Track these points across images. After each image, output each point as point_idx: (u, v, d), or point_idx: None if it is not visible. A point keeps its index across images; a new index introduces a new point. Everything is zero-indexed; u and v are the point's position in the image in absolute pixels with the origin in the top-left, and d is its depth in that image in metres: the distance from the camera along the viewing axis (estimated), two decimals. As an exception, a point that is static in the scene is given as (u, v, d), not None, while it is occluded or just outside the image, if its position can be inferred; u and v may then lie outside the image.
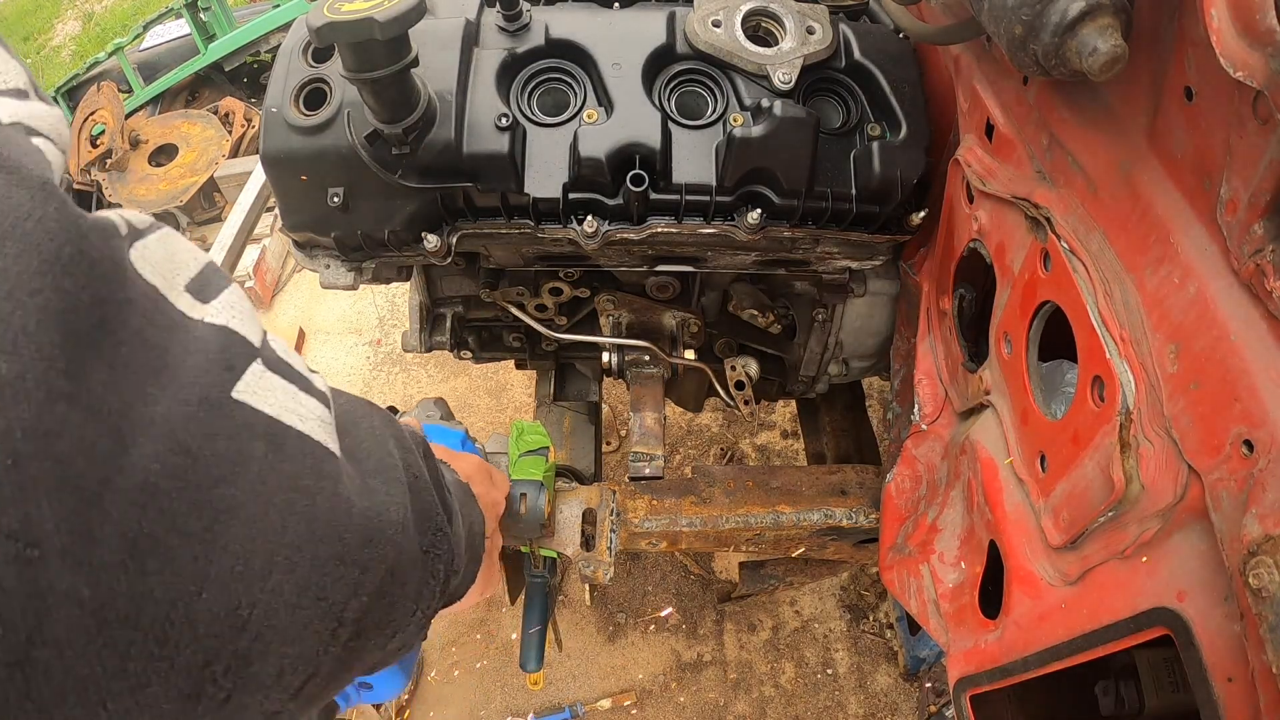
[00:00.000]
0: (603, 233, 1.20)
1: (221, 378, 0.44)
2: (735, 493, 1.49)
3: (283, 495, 0.45)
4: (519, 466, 1.19)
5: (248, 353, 0.46)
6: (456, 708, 2.43)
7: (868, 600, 2.54)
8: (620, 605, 2.59)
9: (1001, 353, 1.07)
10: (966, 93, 1.16)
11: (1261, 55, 0.59)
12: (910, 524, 1.32)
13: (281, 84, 1.19)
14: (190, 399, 0.41)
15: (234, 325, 0.47)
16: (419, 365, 3.40)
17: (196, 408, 0.41)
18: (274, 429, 0.46)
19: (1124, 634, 0.79)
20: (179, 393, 0.41)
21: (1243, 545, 0.63)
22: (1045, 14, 0.75)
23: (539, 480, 1.18)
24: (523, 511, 1.17)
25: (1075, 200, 0.92)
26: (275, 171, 1.20)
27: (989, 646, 1.06)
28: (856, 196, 1.21)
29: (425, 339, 1.60)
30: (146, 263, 0.43)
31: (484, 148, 1.14)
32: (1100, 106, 0.88)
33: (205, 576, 0.40)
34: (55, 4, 8.61)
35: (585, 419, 1.82)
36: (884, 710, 2.35)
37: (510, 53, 1.22)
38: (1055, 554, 0.95)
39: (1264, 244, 0.65)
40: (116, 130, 4.12)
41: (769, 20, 1.26)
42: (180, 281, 0.45)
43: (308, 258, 1.32)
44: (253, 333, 0.48)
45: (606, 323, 1.53)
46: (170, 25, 4.94)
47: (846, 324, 1.55)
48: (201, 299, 0.46)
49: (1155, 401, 0.77)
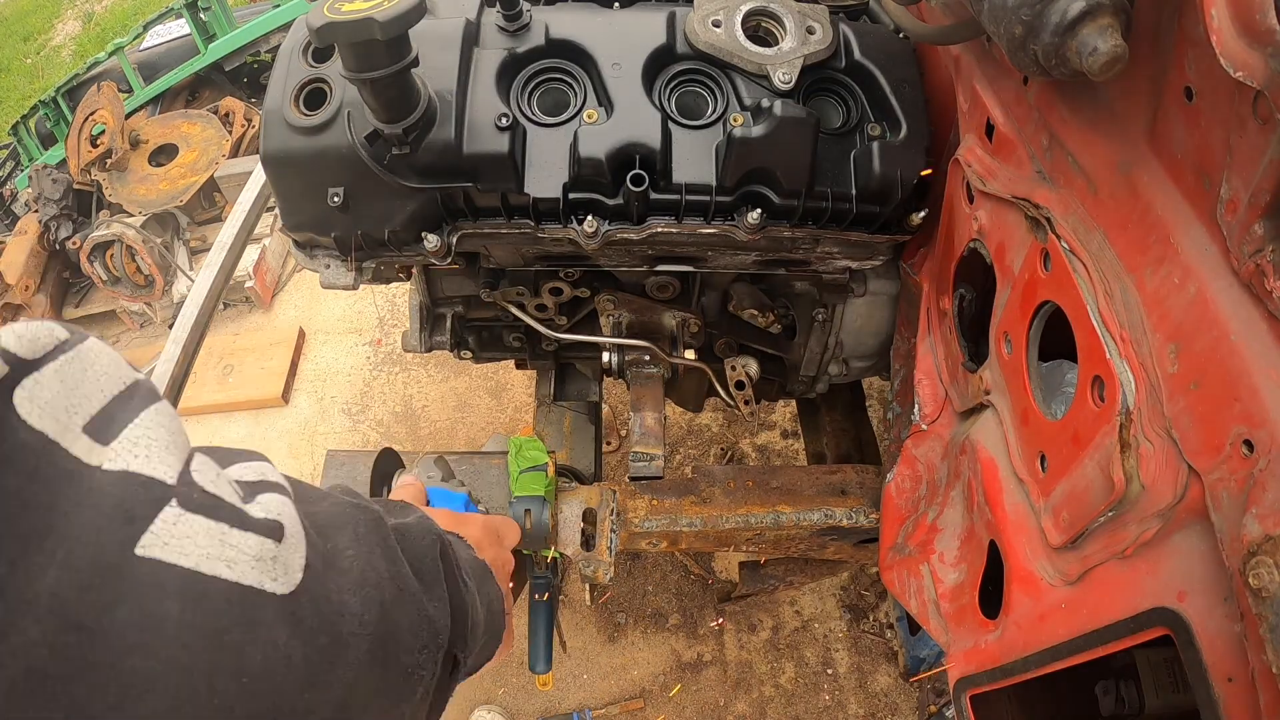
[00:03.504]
0: (603, 233, 1.20)
1: (121, 535, 0.39)
2: (735, 493, 1.49)
3: (205, 656, 0.41)
4: (520, 483, 1.22)
5: (156, 497, 0.41)
6: (456, 708, 2.43)
7: (868, 600, 2.54)
8: (620, 605, 2.59)
9: (1001, 353, 1.07)
10: (966, 93, 1.16)
11: (1261, 55, 0.59)
12: (910, 524, 1.32)
13: (281, 84, 1.19)
14: (82, 565, 0.37)
15: (138, 467, 0.41)
16: (419, 365, 3.40)
17: (90, 574, 0.37)
18: (190, 583, 0.41)
19: (1124, 634, 0.79)
20: (70, 558, 0.37)
21: (1243, 545, 0.63)
22: (1045, 14, 0.75)
23: (541, 496, 1.21)
24: (528, 528, 1.20)
25: (1075, 200, 0.92)
26: (275, 171, 1.20)
27: (989, 646, 1.06)
28: (856, 196, 1.21)
29: (425, 339, 1.61)
30: (34, 405, 0.38)
31: (484, 148, 1.14)
32: (1100, 106, 0.88)
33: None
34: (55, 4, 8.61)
35: (585, 419, 1.82)
36: (884, 710, 2.35)
37: (510, 53, 1.22)
38: (1055, 554, 0.95)
39: (1264, 244, 0.65)
40: (116, 130, 4.12)
41: (769, 20, 1.26)
42: (78, 421, 0.40)
43: (308, 258, 1.32)
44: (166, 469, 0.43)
45: (606, 323, 1.53)
46: (170, 25, 4.94)
47: (846, 324, 1.55)
48: (102, 439, 0.41)
49: (1155, 401, 0.77)
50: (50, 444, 0.38)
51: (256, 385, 3.45)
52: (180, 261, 4.03)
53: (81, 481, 0.39)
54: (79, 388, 0.41)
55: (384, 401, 3.31)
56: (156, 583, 0.39)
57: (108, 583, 0.38)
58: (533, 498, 1.21)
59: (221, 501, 0.45)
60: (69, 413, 0.40)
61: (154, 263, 3.77)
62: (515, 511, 1.21)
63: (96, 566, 0.37)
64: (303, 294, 3.88)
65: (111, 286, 3.89)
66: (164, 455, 0.43)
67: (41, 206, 4.10)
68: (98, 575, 0.37)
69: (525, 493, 1.22)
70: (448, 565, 0.67)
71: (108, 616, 0.37)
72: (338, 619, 0.49)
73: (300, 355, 3.60)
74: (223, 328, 3.80)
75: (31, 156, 5.02)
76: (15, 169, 5.19)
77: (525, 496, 1.21)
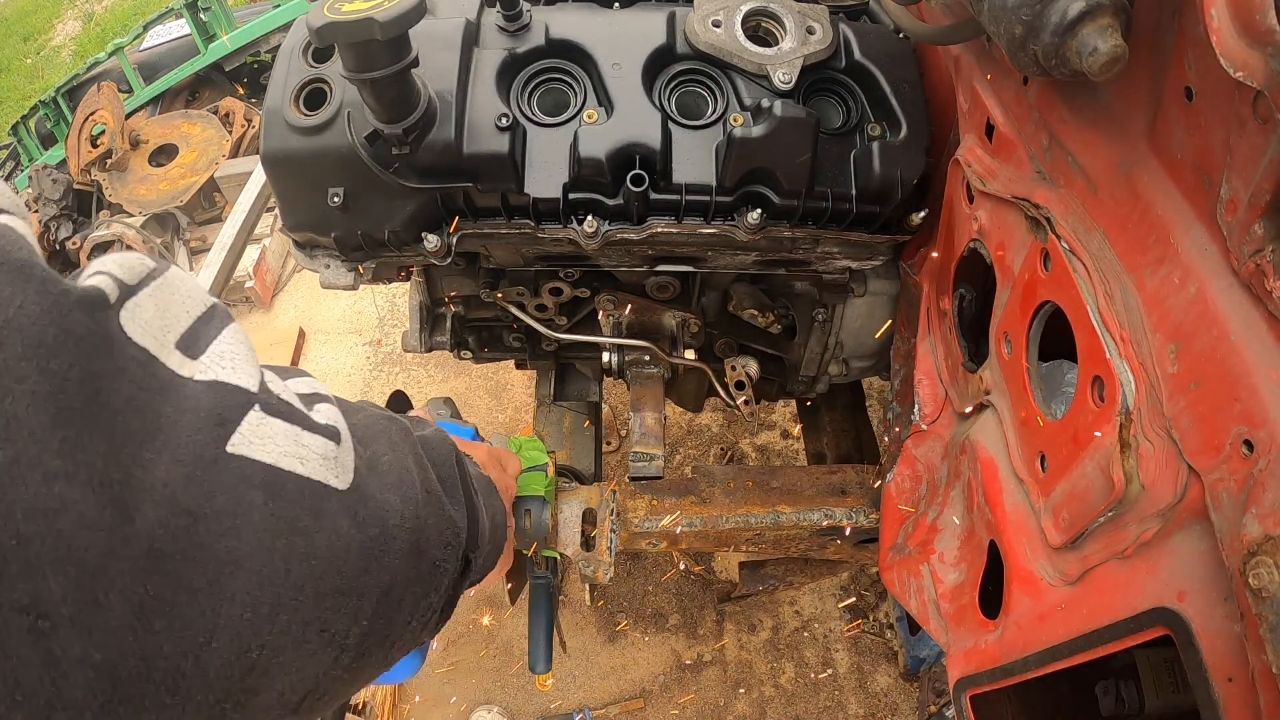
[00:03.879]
0: (603, 233, 1.20)
1: (215, 434, 0.45)
2: (735, 493, 1.48)
3: (284, 539, 0.46)
4: (520, 483, 1.22)
5: (242, 403, 0.47)
6: (456, 707, 2.43)
7: (868, 600, 2.55)
8: (620, 605, 2.59)
9: (1001, 353, 1.07)
10: (966, 93, 1.16)
11: (1261, 55, 0.59)
12: (910, 524, 1.32)
13: (281, 84, 1.19)
14: (186, 459, 0.42)
15: (226, 377, 0.47)
16: (419, 365, 3.40)
17: (193, 467, 0.42)
18: (272, 476, 0.47)
19: (1124, 634, 0.79)
20: (175, 453, 0.42)
21: (1243, 545, 0.63)
22: (1045, 14, 0.75)
23: (541, 496, 1.21)
24: (528, 527, 1.21)
25: (1075, 200, 0.92)
26: (275, 171, 1.20)
27: (989, 646, 1.06)
28: (856, 196, 1.21)
29: (425, 339, 1.61)
30: (136, 324, 0.43)
31: (484, 148, 1.14)
32: (1100, 106, 0.88)
33: (214, 627, 0.42)
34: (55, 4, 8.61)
35: (585, 419, 1.82)
36: (884, 710, 2.35)
37: (510, 53, 1.22)
38: (1055, 554, 0.95)
39: (1264, 244, 0.65)
40: (117, 130, 4.12)
41: (769, 20, 1.26)
42: (171, 338, 0.46)
43: (308, 258, 1.32)
44: (248, 379, 0.48)
45: (606, 323, 1.53)
46: (170, 25, 4.94)
47: (846, 324, 1.55)
48: (192, 354, 0.46)
49: (1155, 401, 0.77)
50: (151, 358, 0.43)
51: (256, 385, 3.45)
52: (180, 261, 4.03)
53: (179, 389, 0.44)
54: (170, 309, 0.46)
55: (384, 401, 3.30)
56: (244, 475, 0.45)
57: (207, 475, 0.43)
58: (533, 498, 1.21)
59: (294, 408, 0.51)
60: (164, 331, 0.45)
61: (154, 263, 3.76)
62: (516, 511, 1.21)
63: (199, 461, 0.43)
64: (303, 294, 3.88)
65: (111, 286, 3.88)
66: (245, 367, 0.49)
67: (41, 206, 4.10)
68: (199, 469, 0.43)
69: (525, 492, 1.22)
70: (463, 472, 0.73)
71: (209, 504, 0.43)
72: (384, 513, 0.56)
73: (300, 355, 3.59)
74: (223, 328, 3.79)
75: (31, 156, 5.03)
76: (15, 169, 5.20)
77: (525, 496, 1.22)
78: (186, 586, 0.41)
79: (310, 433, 0.51)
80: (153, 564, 0.39)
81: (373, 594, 0.54)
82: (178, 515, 0.41)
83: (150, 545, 0.39)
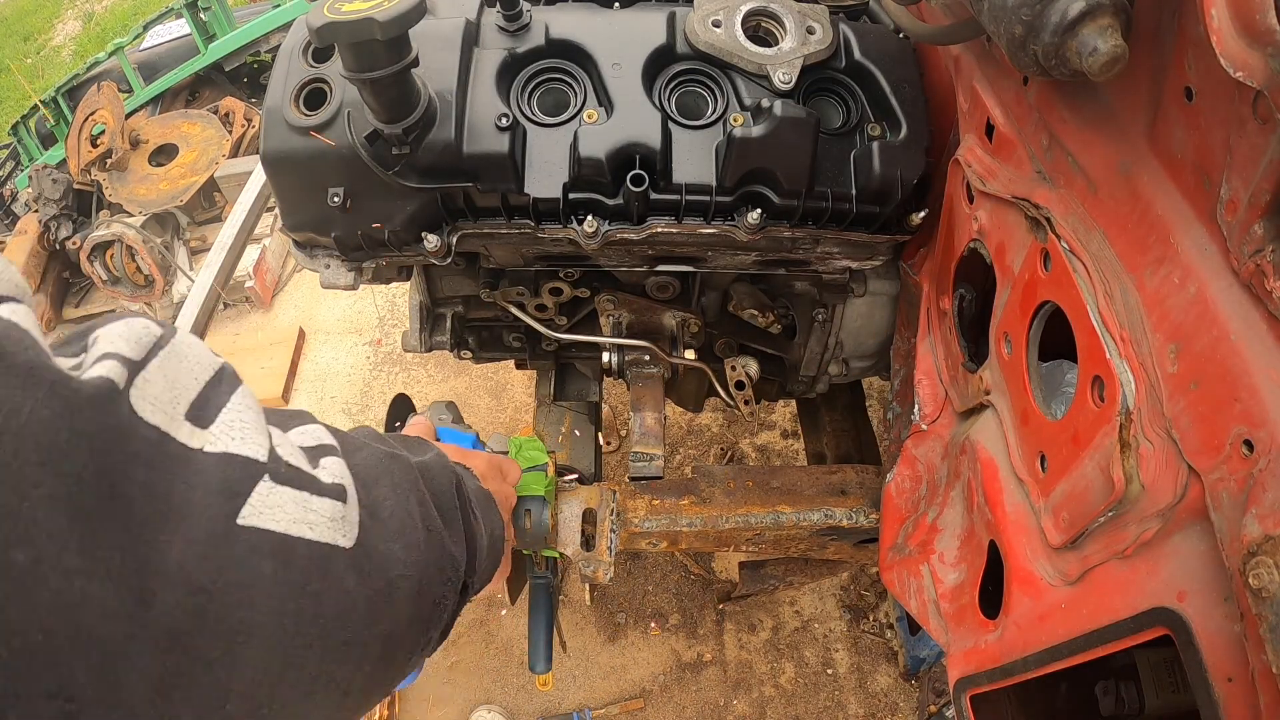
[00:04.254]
0: (603, 233, 1.20)
1: (226, 509, 0.46)
2: (735, 493, 1.48)
3: (294, 603, 0.48)
4: (520, 483, 1.22)
5: (252, 474, 0.48)
6: (457, 707, 2.43)
7: (868, 600, 2.54)
8: (620, 605, 2.59)
9: (1001, 353, 1.07)
10: (966, 93, 1.16)
11: (1261, 55, 0.59)
12: (910, 524, 1.32)
13: (281, 84, 1.19)
14: (199, 537, 0.43)
15: (235, 449, 0.48)
16: (419, 365, 3.40)
17: (206, 545, 0.44)
18: (281, 544, 0.48)
19: (1124, 634, 0.79)
20: (189, 533, 0.43)
21: (1243, 545, 0.63)
22: (1045, 14, 0.75)
23: (541, 496, 1.21)
24: (528, 527, 1.21)
25: (1075, 200, 0.92)
26: (275, 171, 1.20)
27: (989, 646, 1.06)
28: (856, 196, 1.21)
29: (425, 339, 1.61)
30: (147, 401, 0.43)
31: (484, 148, 1.14)
32: (1100, 106, 0.88)
33: (228, 692, 0.44)
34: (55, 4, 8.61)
35: (585, 419, 1.82)
36: (884, 710, 2.35)
37: (510, 53, 1.22)
38: (1055, 554, 0.95)
39: (1264, 244, 0.65)
40: (117, 130, 4.12)
41: (769, 20, 1.26)
42: (181, 409, 0.46)
43: (308, 258, 1.32)
44: (257, 448, 0.49)
45: (606, 323, 1.53)
46: (170, 25, 4.95)
47: (846, 324, 1.55)
48: (202, 424, 0.47)
49: (1155, 401, 0.77)
50: (163, 435, 0.44)
51: (256, 385, 3.43)
52: (180, 261, 4.03)
53: (190, 464, 0.45)
54: (179, 379, 0.47)
55: (384, 401, 3.30)
56: (254, 546, 0.46)
57: (219, 550, 0.44)
58: (533, 498, 1.21)
59: (301, 472, 0.52)
60: (173, 404, 0.46)
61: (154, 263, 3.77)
62: (516, 511, 1.21)
63: (210, 538, 0.44)
64: (303, 294, 3.88)
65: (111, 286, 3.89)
66: (255, 436, 0.49)
67: (41, 206, 4.10)
68: (211, 545, 0.44)
69: (525, 492, 1.22)
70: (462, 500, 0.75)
71: (221, 577, 0.44)
72: (388, 565, 0.57)
73: (300, 355, 3.60)
74: (223, 328, 3.80)
75: (31, 156, 5.03)
76: (15, 169, 5.20)
77: (525, 496, 1.22)
78: (202, 659, 0.42)
79: (318, 496, 0.52)
80: (170, 642, 0.41)
81: (377, 642, 0.56)
82: (193, 594, 0.42)
83: (168, 626, 0.41)
